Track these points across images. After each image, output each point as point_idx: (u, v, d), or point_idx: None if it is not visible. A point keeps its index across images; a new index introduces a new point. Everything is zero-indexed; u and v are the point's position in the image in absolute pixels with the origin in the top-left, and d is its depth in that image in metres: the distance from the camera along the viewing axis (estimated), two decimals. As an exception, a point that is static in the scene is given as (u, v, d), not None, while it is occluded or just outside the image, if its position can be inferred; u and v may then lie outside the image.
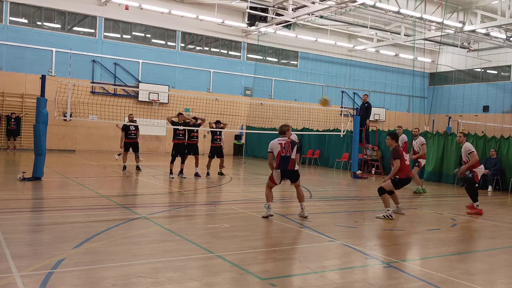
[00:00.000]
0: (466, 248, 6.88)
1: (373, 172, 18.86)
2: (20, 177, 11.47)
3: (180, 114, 14.58)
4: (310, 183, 13.92)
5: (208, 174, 14.80)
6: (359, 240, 7.06)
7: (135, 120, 15.95)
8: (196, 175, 14.45)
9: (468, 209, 9.88)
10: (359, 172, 17.36)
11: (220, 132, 15.24)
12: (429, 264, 5.74)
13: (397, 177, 8.95)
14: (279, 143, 8.31)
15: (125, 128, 15.30)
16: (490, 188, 14.92)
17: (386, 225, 8.22)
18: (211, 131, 15.40)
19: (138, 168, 15.53)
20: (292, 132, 9.70)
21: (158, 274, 4.73)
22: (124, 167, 15.37)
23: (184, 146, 14.22)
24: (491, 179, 14.94)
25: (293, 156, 8.29)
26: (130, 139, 15.33)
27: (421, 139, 13.64)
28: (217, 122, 15.61)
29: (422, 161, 13.65)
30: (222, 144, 15.26)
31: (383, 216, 8.73)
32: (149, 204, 9.65)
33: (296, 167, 8.35)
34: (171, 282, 4.53)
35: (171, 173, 13.83)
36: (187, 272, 4.92)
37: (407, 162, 9.22)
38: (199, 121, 14.69)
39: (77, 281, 4.45)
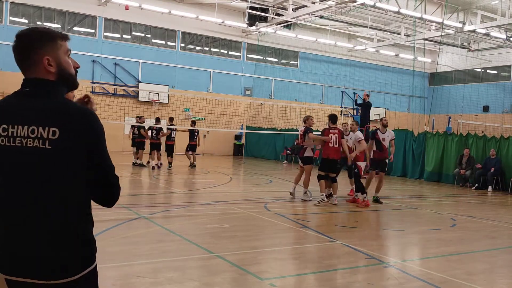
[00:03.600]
0: (466, 248, 6.88)
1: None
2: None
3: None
4: (310, 183, 13.90)
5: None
6: (359, 240, 7.06)
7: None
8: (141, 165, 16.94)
9: (355, 203, 10.26)
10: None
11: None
12: (429, 264, 5.74)
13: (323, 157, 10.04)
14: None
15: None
16: (490, 188, 14.92)
17: (386, 225, 8.23)
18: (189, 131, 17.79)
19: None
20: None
21: (158, 274, 4.73)
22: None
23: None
24: (491, 179, 14.92)
25: (305, 145, 10.29)
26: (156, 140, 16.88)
27: (357, 134, 10.69)
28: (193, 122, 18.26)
29: (361, 164, 10.28)
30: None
31: (318, 201, 9.78)
32: (149, 204, 9.65)
33: (307, 154, 10.22)
34: (171, 282, 4.53)
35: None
36: (186, 272, 4.92)
37: (331, 145, 10.01)
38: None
39: (77, 281, 4.44)
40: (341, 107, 26.33)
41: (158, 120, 17.05)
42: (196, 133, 17.41)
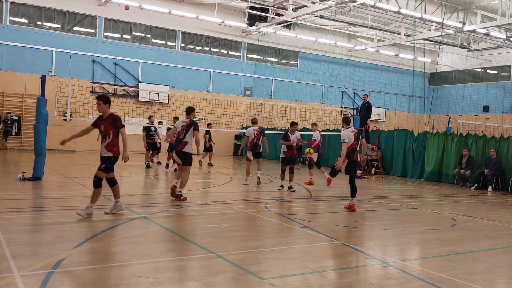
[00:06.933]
0: (466, 248, 6.88)
1: (373, 172, 18.86)
2: (20, 177, 11.47)
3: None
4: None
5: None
6: (359, 240, 7.07)
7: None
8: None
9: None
10: (359, 172, 17.34)
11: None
12: (429, 264, 5.74)
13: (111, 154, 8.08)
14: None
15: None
16: (490, 188, 14.91)
17: (386, 225, 8.23)
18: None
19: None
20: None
21: (158, 274, 4.73)
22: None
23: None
24: (491, 179, 14.92)
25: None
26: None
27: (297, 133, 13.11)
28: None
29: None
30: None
31: (115, 211, 7.77)
32: (149, 204, 9.65)
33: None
34: (171, 282, 4.53)
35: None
36: (187, 272, 4.92)
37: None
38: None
39: (77, 281, 4.44)
40: (341, 107, 26.32)
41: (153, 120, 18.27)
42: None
